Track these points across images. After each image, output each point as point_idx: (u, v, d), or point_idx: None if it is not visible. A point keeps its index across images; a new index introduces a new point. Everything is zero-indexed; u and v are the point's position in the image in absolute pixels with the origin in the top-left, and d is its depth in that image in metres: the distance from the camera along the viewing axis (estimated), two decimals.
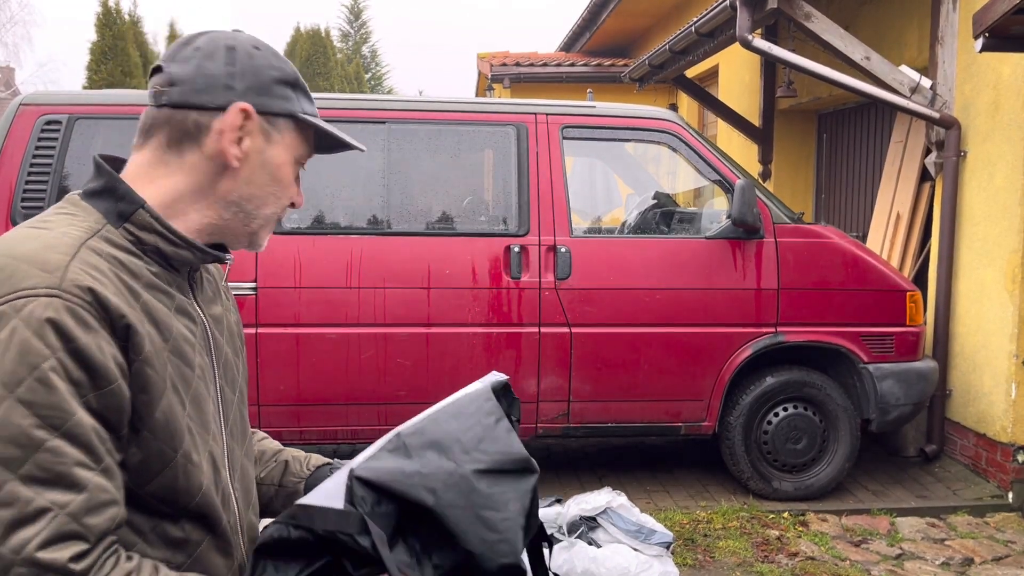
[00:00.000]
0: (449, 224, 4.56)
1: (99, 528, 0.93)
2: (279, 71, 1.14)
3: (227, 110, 1.10)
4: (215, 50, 1.11)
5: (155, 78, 1.12)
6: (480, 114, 4.60)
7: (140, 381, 1.00)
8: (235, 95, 1.10)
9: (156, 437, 1.02)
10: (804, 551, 4.07)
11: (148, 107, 1.13)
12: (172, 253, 1.10)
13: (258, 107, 1.12)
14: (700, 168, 4.69)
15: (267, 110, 1.13)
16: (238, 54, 1.11)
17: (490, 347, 4.46)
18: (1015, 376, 4.68)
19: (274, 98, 1.13)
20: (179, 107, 1.09)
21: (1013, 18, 3.66)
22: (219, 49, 1.11)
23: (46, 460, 0.91)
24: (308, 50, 18.92)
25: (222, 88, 1.10)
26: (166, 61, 1.11)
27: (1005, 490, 4.74)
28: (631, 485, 4.95)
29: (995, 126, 4.83)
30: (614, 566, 3.45)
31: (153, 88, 1.12)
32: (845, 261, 4.63)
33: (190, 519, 1.08)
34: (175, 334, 1.07)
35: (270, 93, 1.13)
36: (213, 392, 1.15)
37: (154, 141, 1.12)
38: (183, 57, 1.11)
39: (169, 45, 1.71)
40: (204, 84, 1.09)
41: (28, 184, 4.27)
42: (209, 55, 1.10)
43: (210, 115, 1.10)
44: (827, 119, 7.98)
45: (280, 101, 1.14)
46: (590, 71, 11.60)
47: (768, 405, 4.68)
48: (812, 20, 5.30)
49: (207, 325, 1.17)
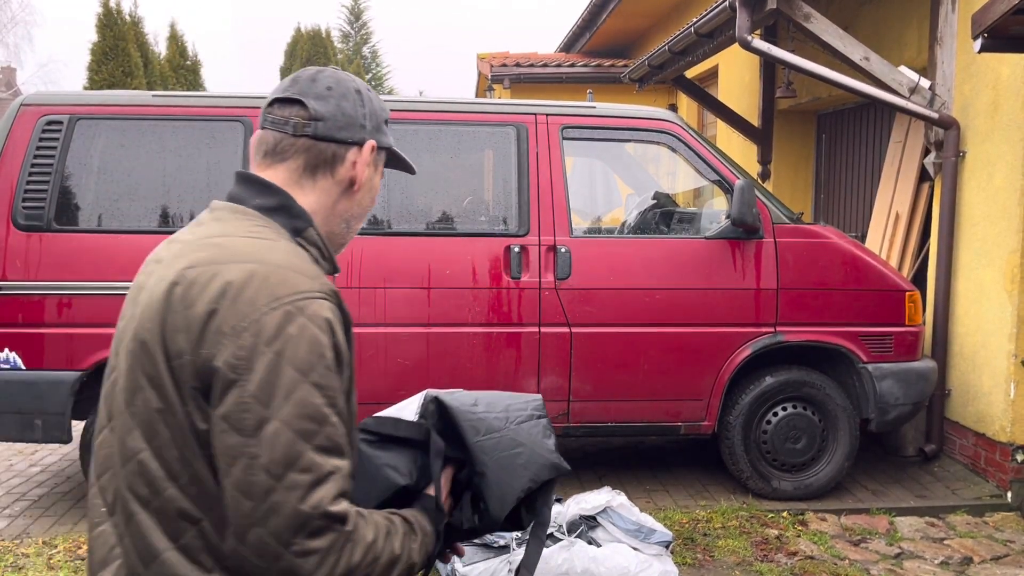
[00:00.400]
0: (449, 224, 4.57)
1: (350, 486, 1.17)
2: (385, 112, 1.39)
3: (363, 145, 1.33)
4: (347, 92, 1.33)
5: (292, 109, 1.30)
6: (480, 114, 4.61)
7: (351, 370, 1.24)
8: (366, 133, 1.34)
9: (350, 416, 1.24)
10: (803, 550, 4.08)
11: (272, 131, 1.31)
12: (321, 265, 1.32)
13: (378, 143, 1.36)
14: (700, 168, 4.70)
15: (380, 145, 1.37)
16: (363, 97, 1.35)
17: (490, 347, 4.47)
18: (1014, 376, 4.69)
19: (383, 135, 1.38)
20: (321, 139, 1.30)
21: (1012, 18, 3.67)
22: (350, 91, 1.33)
23: (331, 433, 1.13)
24: (308, 51, 18.91)
25: (358, 127, 1.33)
26: (304, 96, 1.30)
27: (1004, 489, 4.75)
28: (631, 484, 4.96)
29: (994, 126, 4.84)
30: (614, 565, 3.46)
31: (290, 116, 1.30)
32: (844, 261, 4.64)
33: None
34: None
35: (381, 131, 1.37)
36: None
37: (290, 164, 1.31)
38: (318, 94, 1.30)
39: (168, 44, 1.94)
40: (344, 122, 1.31)
41: (29, 184, 4.28)
42: (343, 96, 1.32)
43: (346, 148, 1.32)
44: (826, 119, 7.99)
45: (386, 137, 1.39)
46: (590, 71, 11.60)
47: (767, 405, 4.69)
48: (811, 21, 5.31)
49: None
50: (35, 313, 4.26)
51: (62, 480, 5.10)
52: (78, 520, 4.43)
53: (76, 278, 4.26)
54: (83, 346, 4.25)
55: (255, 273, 1.15)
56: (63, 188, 4.31)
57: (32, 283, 4.25)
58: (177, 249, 1.24)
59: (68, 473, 5.24)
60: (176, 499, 1.16)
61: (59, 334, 4.26)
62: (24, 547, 4.04)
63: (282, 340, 1.12)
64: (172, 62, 14.69)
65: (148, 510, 1.17)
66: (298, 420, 1.11)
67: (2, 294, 4.25)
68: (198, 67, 15.42)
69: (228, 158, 4.39)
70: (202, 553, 1.16)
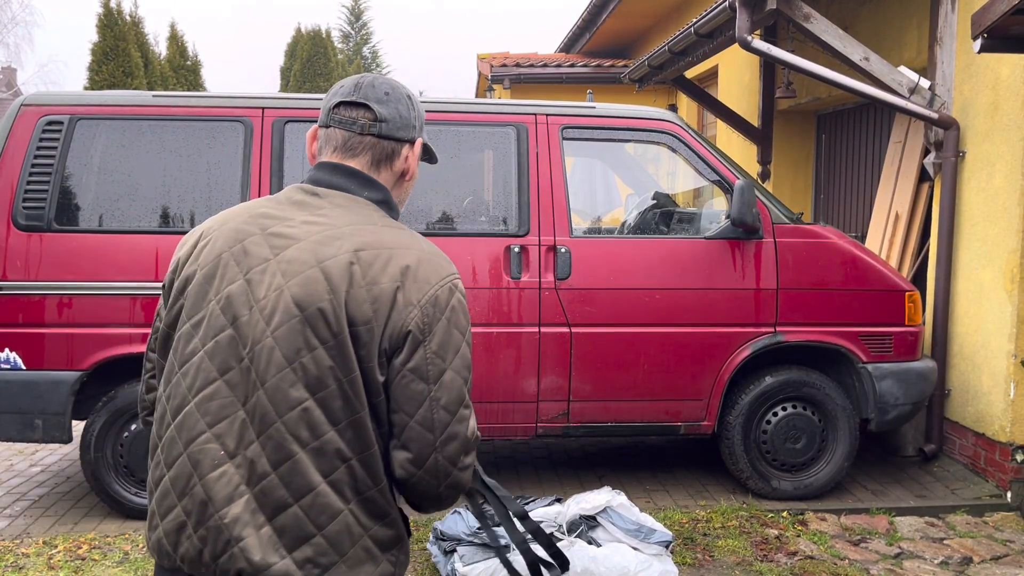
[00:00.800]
0: (449, 224, 4.58)
1: None
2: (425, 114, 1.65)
3: (415, 142, 1.60)
4: (401, 97, 1.58)
5: (360, 111, 1.55)
6: (480, 115, 4.61)
7: None
8: (416, 132, 1.60)
9: None
10: (803, 550, 4.08)
11: (341, 130, 1.56)
12: None
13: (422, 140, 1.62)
14: (699, 168, 4.71)
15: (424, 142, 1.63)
16: (413, 101, 1.60)
17: (490, 347, 4.47)
18: (1014, 376, 4.70)
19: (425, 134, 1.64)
20: (384, 138, 1.56)
21: (1012, 19, 3.67)
22: (403, 97, 1.58)
23: (471, 379, 1.48)
24: (309, 51, 18.92)
25: (411, 127, 1.58)
26: (368, 100, 1.54)
27: (1004, 489, 4.75)
28: (631, 484, 4.96)
29: (994, 127, 4.85)
30: (614, 565, 3.46)
31: (358, 118, 1.55)
32: (844, 261, 4.64)
33: None
34: None
35: (424, 130, 1.63)
36: None
37: (360, 159, 1.56)
38: (379, 99, 1.55)
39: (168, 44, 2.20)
40: (402, 123, 1.57)
41: (29, 184, 4.28)
42: (399, 100, 1.57)
43: (402, 145, 1.58)
44: (826, 119, 7.99)
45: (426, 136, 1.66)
46: (590, 72, 11.61)
47: (767, 405, 4.69)
48: (811, 21, 5.31)
49: None
50: (35, 313, 4.26)
51: (62, 480, 5.11)
52: (78, 520, 4.43)
53: (76, 278, 4.26)
54: (83, 346, 4.26)
55: (421, 259, 1.46)
56: (63, 188, 4.31)
57: (32, 283, 4.25)
58: (321, 230, 1.46)
59: (68, 473, 5.24)
60: (334, 440, 1.40)
61: (59, 334, 4.26)
62: (24, 547, 4.05)
63: (449, 310, 1.45)
64: (172, 62, 14.69)
65: (306, 451, 1.39)
66: (463, 369, 1.46)
67: (2, 294, 4.25)
68: (198, 67, 15.43)
69: (228, 158, 4.40)
70: (346, 487, 1.41)
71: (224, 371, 1.43)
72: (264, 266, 1.44)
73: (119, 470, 4.36)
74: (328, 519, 1.41)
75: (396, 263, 1.43)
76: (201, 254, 1.50)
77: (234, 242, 1.48)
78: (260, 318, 1.42)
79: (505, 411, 4.53)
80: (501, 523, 1.76)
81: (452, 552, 3.67)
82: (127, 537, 4.14)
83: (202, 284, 1.48)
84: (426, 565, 3.85)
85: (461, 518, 3.75)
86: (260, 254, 1.46)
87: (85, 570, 3.80)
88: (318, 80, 18.64)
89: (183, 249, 1.55)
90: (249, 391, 1.41)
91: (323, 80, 18.69)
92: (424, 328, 1.42)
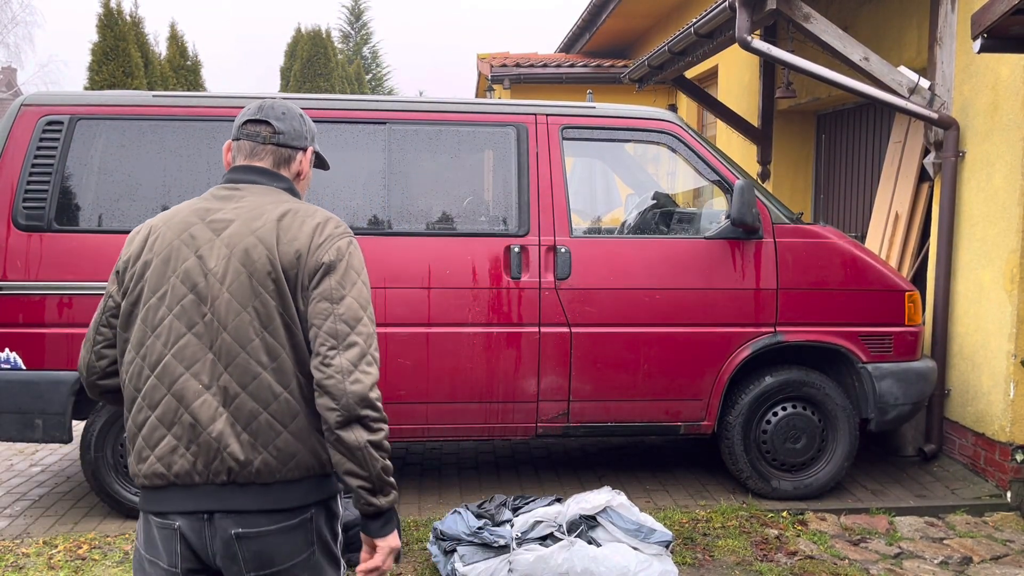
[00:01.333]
0: (449, 224, 4.58)
1: None
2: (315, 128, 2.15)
3: (307, 150, 2.09)
4: (294, 115, 2.07)
5: (260, 127, 2.03)
6: (480, 115, 4.62)
7: None
8: (308, 142, 2.09)
9: None
10: (803, 550, 4.08)
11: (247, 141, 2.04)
12: None
13: (313, 148, 2.12)
14: (699, 168, 4.71)
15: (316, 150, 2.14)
16: (305, 120, 2.10)
17: (490, 347, 4.47)
18: (1014, 376, 4.70)
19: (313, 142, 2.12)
20: (282, 146, 2.04)
21: (1012, 19, 3.67)
22: (296, 116, 2.08)
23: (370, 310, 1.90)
24: (309, 51, 18.91)
25: (303, 138, 2.08)
26: (269, 118, 2.03)
27: (1003, 489, 4.75)
28: (631, 484, 4.96)
29: (994, 127, 4.85)
30: (614, 565, 3.47)
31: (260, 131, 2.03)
32: (844, 261, 4.64)
33: None
34: None
35: (314, 140, 2.12)
36: None
37: (265, 161, 2.04)
38: (277, 117, 2.04)
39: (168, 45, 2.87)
40: (295, 135, 2.06)
41: (29, 184, 4.28)
42: (292, 118, 2.06)
43: (296, 151, 2.06)
44: (826, 119, 7.99)
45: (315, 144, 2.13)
46: (590, 72, 11.61)
47: (767, 405, 4.69)
48: (811, 21, 5.31)
49: None
50: (35, 313, 4.26)
51: (62, 480, 5.11)
52: (78, 520, 4.43)
53: (76, 278, 4.26)
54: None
55: (328, 219, 1.94)
56: (63, 188, 4.31)
57: (32, 283, 4.25)
58: (247, 211, 1.92)
59: (68, 473, 5.24)
60: (286, 360, 1.87)
61: (59, 334, 4.26)
62: (24, 547, 4.05)
63: (348, 255, 1.91)
64: (172, 62, 14.68)
65: (268, 371, 1.85)
66: (360, 298, 1.88)
67: (2, 294, 4.25)
68: (198, 67, 15.42)
69: None
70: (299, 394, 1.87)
71: (191, 326, 1.87)
72: (211, 244, 1.90)
73: (119, 470, 4.37)
74: (290, 419, 1.86)
75: (309, 223, 1.92)
76: (155, 245, 1.93)
77: (181, 231, 1.92)
78: (215, 281, 1.87)
79: (505, 411, 4.54)
80: None
81: (452, 552, 3.67)
82: (127, 537, 4.14)
83: (160, 266, 1.90)
84: (426, 565, 3.85)
85: (461, 518, 3.75)
86: (204, 236, 1.91)
87: (85, 570, 3.80)
88: (318, 80, 18.64)
89: (134, 244, 1.98)
90: (214, 337, 1.86)
91: (323, 80, 18.68)
92: (331, 265, 1.88)
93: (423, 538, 4.08)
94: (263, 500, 1.86)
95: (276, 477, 1.86)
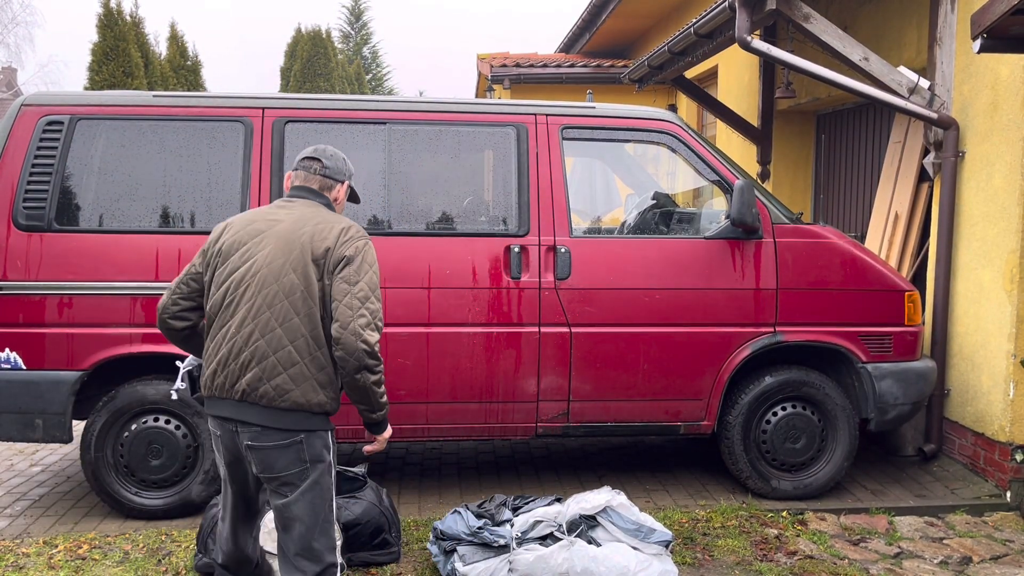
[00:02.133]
0: (449, 224, 4.58)
1: None
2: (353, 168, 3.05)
3: (343, 183, 3.00)
4: (338, 157, 2.99)
5: (313, 162, 2.94)
6: (480, 115, 4.62)
7: None
8: (346, 177, 3.00)
9: None
10: (803, 550, 4.08)
11: (303, 171, 2.95)
12: None
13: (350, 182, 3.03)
14: (699, 168, 4.71)
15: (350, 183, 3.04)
16: (347, 162, 3.01)
17: (490, 347, 4.47)
18: (1013, 376, 4.70)
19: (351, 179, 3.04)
20: (327, 176, 2.94)
21: (1011, 19, 3.67)
22: (340, 158, 2.99)
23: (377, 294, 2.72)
24: (309, 51, 18.92)
25: (343, 174, 2.99)
26: (320, 156, 2.95)
27: (1003, 489, 4.75)
28: (631, 484, 4.96)
29: (993, 127, 4.85)
30: (614, 565, 3.47)
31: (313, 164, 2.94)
32: (844, 261, 4.65)
33: None
34: None
35: (351, 177, 3.03)
36: None
37: (313, 184, 2.93)
38: (326, 156, 2.96)
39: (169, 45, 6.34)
40: (336, 171, 2.96)
41: (30, 184, 4.29)
42: (336, 159, 2.98)
43: (336, 182, 2.97)
44: (826, 119, 7.99)
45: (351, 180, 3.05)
46: (590, 72, 11.61)
47: (767, 404, 4.69)
48: (811, 21, 5.32)
49: None
50: (36, 313, 4.26)
51: (63, 480, 5.11)
52: (79, 520, 4.43)
53: (76, 278, 4.27)
54: (83, 346, 4.26)
55: (351, 226, 2.78)
56: (64, 188, 4.31)
57: (33, 283, 4.26)
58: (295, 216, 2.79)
59: (69, 473, 5.24)
60: (296, 323, 2.67)
61: (59, 334, 4.26)
62: (25, 547, 4.05)
63: (364, 251, 2.73)
64: (173, 62, 14.68)
65: (281, 327, 2.66)
66: (370, 284, 2.68)
67: (3, 294, 4.26)
68: (199, 67, 15.42)
69: (229, 158, 4.40)
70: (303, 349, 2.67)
71: (243, 288, 2.71)
72: (265, 235, 2.76)
73: (119, 470, 4.37)
74: (290, 366, 2.66)
75: (337, 227, 2.77)
76: (230, 232, 2.82)
77: (248, 225, 2.82)
78: (263, 260, 2.71)
79: (505, 411, 4.54)
80: None
81: (452, 552, 3.67)
82: (127, 537, 4.14)
83: (232, 247, 2.78)
84: (426, 565, 3.85)
85: (461, 518, 3.76)
86: (263, 229, 2.78)
87: (85, 570, 3.80)
88: (318, 80, 18.64)
89: (216, 231, 2.87)
90: (253, 298, 2.68)
91: (323, 80, 18.68)
92: (351, 258, 2.70)
93: (423, 538, 4.08)
94: (262, 417, 2.66)
95: (273, 404, 2.64)
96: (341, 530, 3.76)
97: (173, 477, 4.38)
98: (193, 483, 4.38)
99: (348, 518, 3.80)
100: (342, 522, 3.78)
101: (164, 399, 4.33)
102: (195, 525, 4.25)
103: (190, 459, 4.39)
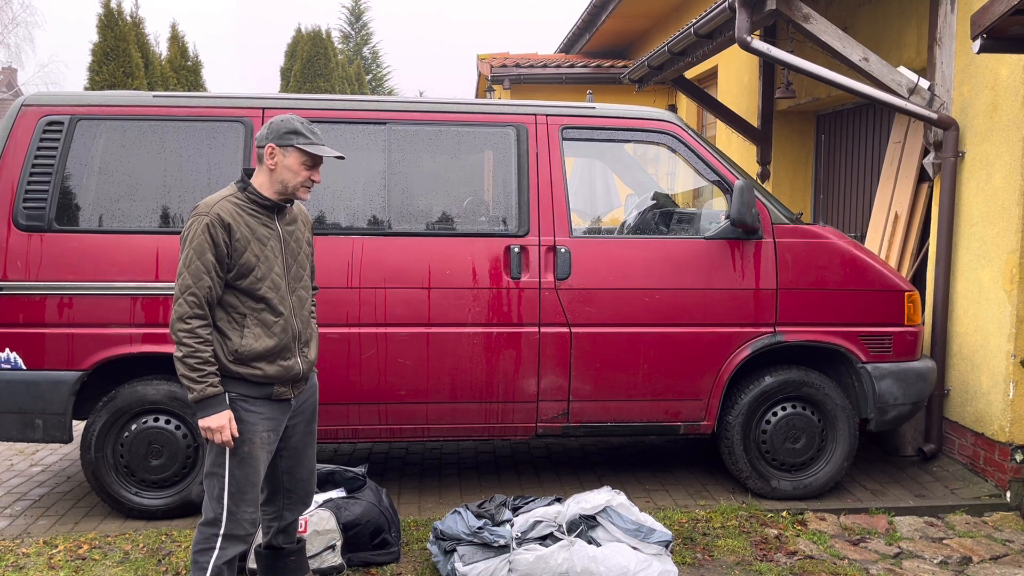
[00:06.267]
0: (449, 224, 4.58)
1: (201, 295, 2.90)
2: (288, 126, 3.00)
3: (264, 147, 3.00)
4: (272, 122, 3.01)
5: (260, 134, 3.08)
6: (480, 115, 4.62)
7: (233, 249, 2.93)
8: (264, 140, 3.00)
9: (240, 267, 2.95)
10: (803, 550, 4.08)
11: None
12: (263, 202, 3.01)
13: (277, 143, 2.99)
14: (699, 169, 4.71)
15: (280, 144, 2.99)
16: (286, 121, 3.00)
17: (490, 347, 4.47)
18: (1013, 375, 4.70)
19: (283, 138, 2.99)
20: (259, 148, 3.01)
21: (1011, 19, 3.68)
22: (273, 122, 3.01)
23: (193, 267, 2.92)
24: (309, 51, 18.91)
25: (263, 138, 3.00)
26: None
27: (1003, 489, 4.76)
28: (630, 484, 4.97)
29: (993, 127, 4.85)
30: (613, 565, 3.47)
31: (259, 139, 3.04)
32: (843, 261, 4.65)
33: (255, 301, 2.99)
34: (258, 232, 2.97)
35: (275, 137, 2.99)
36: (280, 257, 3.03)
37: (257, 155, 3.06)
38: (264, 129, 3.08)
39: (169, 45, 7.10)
40: (260, 138, 3.01)
41: (30, 185, 4.29)
42: (267, 126, 3.01)
43: (261, 150, 3.00)
44: (825, 120, 8.00)
45: (286, 139, 2.99)
46: (589, 72, 11.61)
47: (767, 405, 4.70)
48: (810, 21, 5.32)
49: (280, 230, 3.05)
50: (36, 313, 4.27)
51: (63, 480, 5.11)
52: (79, 520, 4.43)
53: (76, 278, 4.27)
54: (83, 346, 4.26)
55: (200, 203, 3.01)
56: (64, 188, 4.32)
57: (33, 283, 4.26)
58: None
59: (69, 473, 5.24)
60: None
61: (60, 334, 4.27)
62: (25, 547, 4.05)
63: (187, 227, 2.96)
64: (173, 63, 14.68)
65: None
66: (184, 259, 2.90)
67: (3, 294, 4.26)
68: (199, 67, 15.42)
69: (229, 158, 4.40)
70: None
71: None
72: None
73: (119, 470, 4.37)
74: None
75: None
76: None
77: None
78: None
79: (505, 411, 4.54)
80: None
81: (452, 552, 3.67)
82: (127, 537, 4.14)
83: None
84: (426, 565, 3.85)
85: (461, 518, 3.76)
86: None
87: (85, 570, 3.80)
88: (318, 80, 18.63)
89: None
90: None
91: (323, 80, 18.68)
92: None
93: (423, 538, 4.09)
94: None
95: None
96: (341, 530, 3.76)
97: (173, 477, 4.38)
98: (193, 483, 4.38)
99: (348, 518, 3.80)
100: (342, 522, 3.78)
101: (164, 399, 4.33)
102: (195, 525, 4.25)
103: (190, 459, 4.39)
